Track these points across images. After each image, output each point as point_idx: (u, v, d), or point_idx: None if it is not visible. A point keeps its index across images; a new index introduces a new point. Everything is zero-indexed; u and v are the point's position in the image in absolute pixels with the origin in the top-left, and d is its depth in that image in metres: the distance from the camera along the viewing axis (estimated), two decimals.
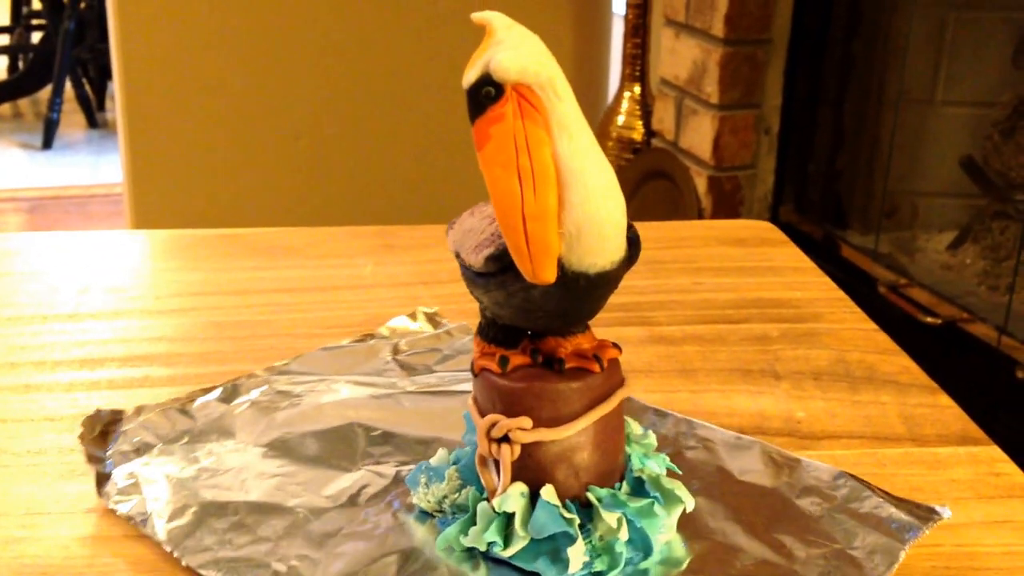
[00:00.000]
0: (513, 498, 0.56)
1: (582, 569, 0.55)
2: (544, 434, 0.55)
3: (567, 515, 0.55)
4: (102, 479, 0.64)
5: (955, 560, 0.58)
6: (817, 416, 0.73)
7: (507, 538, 0.56)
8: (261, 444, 0.68)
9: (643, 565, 0.57)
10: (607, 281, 0.53)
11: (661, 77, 2.46)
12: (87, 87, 4.73)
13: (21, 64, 4.96)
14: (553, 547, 0.56)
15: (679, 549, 0.58)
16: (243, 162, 2.71)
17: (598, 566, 0.56)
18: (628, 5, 2.56)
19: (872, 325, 0.87)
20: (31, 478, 0.65)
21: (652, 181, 2.47)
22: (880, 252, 2.06)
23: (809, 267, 0.99)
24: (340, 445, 0.68)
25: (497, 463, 0.57)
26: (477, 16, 0.51)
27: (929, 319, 1.83)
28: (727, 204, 2.30)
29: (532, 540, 0.56)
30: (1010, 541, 0.60)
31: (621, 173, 2.56)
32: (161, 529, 0.60)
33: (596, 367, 0.56)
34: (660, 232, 1.06)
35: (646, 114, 2.59)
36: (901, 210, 2.17)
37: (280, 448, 0.68)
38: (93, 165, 4.27)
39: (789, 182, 2.31)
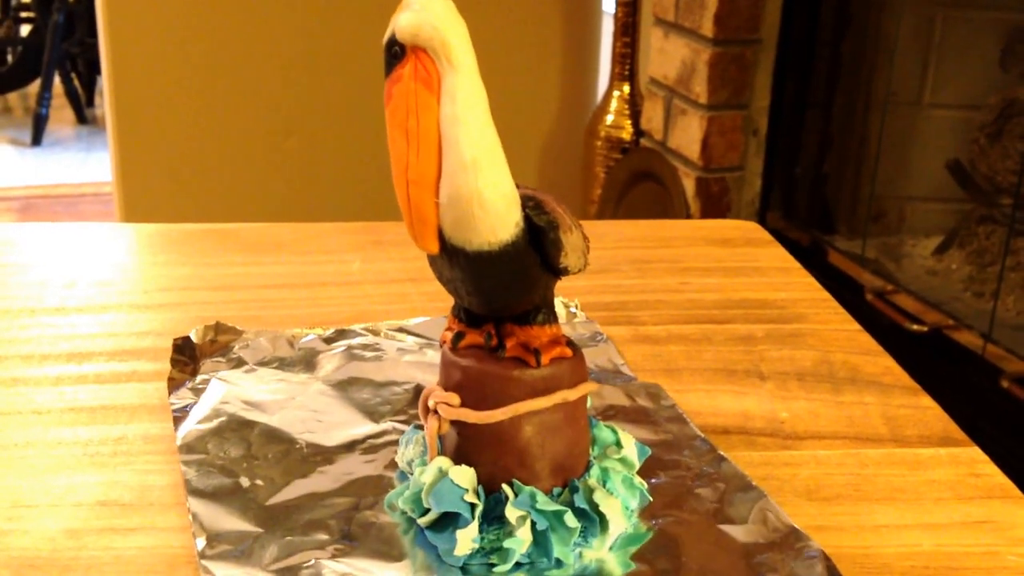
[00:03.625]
0: (431, 470, 0.57)
1: (478, 557, 0.56)
2: (466, 414, 0.56)
3: (468, 498, 0.56)
4: (177, 382, 0.74)
5: (934, 560, 0.59)
6: (800, 416, 0.74)
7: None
8: (328, 383, 0.74)
9: (553, 573, 0.56)
10: (494, 262, 0.53)
11: (650, 76, 2.47)
12: (76, 82, 4.71)
13: (9, 58, 4.94)
14: (456, 526, 0.57)
15: (612, 572, 0.57)
16: (233, 158, 2.70)
17: (494, 558, 0.56)
18: (618, 4, 2.57)
19: (856, 326, 0.88)
20: (18, 471, 0.65)
21: (641, 183, 2.48)
22: (867, 257, 2.07)
23: (794, 267, 0.99)
24: (386, 398, 0.72)
25: None
26: None
27: (915, 326, 1.83)
28: (715, 207, 2.30)
29: (443, 515, 0.57)
30: (989, 542, 0.60)
31: (610, 174, 2.56)
32: (185, 428, 0.68)
33: (532, 360, 0.56)
34: (646, 231, 1.06)
35: (635, 113, 2.60)
36: (888, 214, 2.18)
37: (339, 389, 0.74)
38: (82, 161, 4.26)
39: (776, 185, 2.31)
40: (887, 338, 0.90)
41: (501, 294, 0.56)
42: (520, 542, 0.55)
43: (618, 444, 0.61)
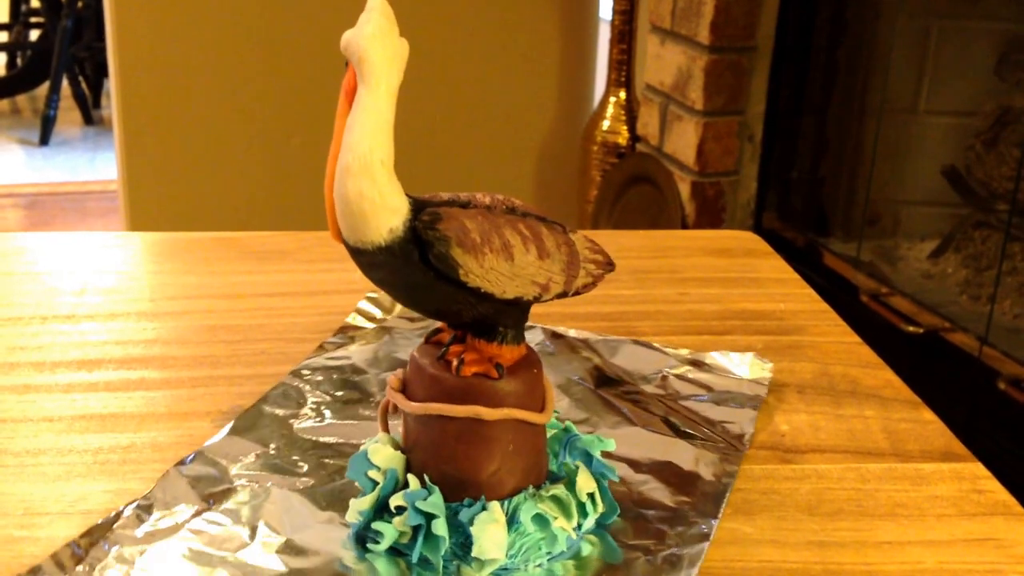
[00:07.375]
0: (369, 442, 0.61)
1: (371, 531, 0.59)
2: (398, 398, 0.60)
3: (371, 474, 0.59)
4: (344, 327, 0.84)
5: None
6: (801, 430, 0.74)
7: None
8: None
9: (424, 573, 0.57)
10: (371, 262, 0.56)
11: (646, 83, 2.48)
12: (84, 85, 4.80)
13: (19, 61, 5.03)
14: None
15: None
16: (237, 160, 2.72)
17: (378, 536, 0.58)
18: (615, 11, 2.57)
19: (855, 338, 0.88)
20: (30, 478, 0.65)
21: (636, 186, 2.48)
22: (862, 260, 2.07)
23: (793, 279, 1.00)
24: None
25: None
26: None
27: (911, 328, 1.83)
28: (710, 210, 2.31)
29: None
30: (993, 559, 0.61)
31: (606, 177, 2.57)
32: (312, 359, 0.78)
33: (453, 369, 0.58)
34: (645, 241, 1.07)
35: (631, 119, 2.60)
36: (883, 218, 2.18)
37: None
38: (89, 162, 4.32)
39: (772, 189, 2.32)
40: (882, 340, 0.90)
41: (399, 295, 0.59)
42: (391, 529, 0.57)
43: (568, 486, 0.61)
